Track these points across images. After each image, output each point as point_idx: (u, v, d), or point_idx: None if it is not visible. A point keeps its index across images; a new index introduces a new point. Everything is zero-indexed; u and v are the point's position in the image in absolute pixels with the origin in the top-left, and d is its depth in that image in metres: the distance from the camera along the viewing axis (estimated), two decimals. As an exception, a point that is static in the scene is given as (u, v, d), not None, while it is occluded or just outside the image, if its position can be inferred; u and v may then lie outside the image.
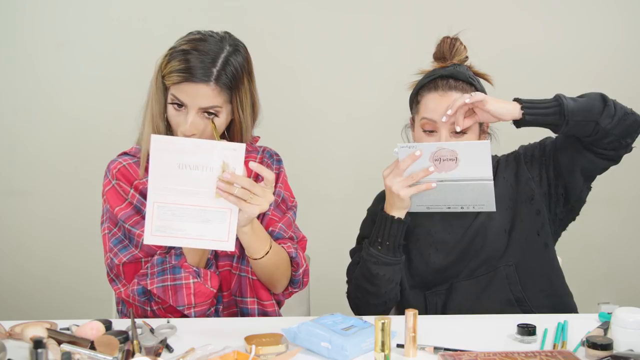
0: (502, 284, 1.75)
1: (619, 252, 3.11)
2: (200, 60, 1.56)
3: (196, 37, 1.61)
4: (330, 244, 2.71)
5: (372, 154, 3.01)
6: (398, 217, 1.69)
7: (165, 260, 1.62)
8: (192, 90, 1.56)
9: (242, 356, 1.31)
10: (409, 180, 1.64)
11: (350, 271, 1.84)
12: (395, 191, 1.64)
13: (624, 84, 3.02)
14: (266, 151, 1.82)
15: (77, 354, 1.26)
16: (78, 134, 3.04)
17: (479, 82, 1.77)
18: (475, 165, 1.60)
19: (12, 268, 3.07)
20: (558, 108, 1.63)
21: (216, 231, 1.47)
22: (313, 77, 3.04)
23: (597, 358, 1.32)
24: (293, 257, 1.69)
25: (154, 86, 1.64)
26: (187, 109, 1.58)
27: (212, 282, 1.62)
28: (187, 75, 1.55)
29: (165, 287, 1.60)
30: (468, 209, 1.67)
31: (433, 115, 1.71)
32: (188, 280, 1.59)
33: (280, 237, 1.72)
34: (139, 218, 1.66)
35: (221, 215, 1.47)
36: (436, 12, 2.96)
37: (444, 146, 1.60)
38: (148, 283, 1.61)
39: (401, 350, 1.37)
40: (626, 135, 1.67)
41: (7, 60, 3.02)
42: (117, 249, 1.67)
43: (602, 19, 3.05)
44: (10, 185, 3.07)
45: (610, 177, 1.77)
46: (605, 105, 1.64)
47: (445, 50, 1.79)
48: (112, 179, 1.70)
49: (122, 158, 1.74)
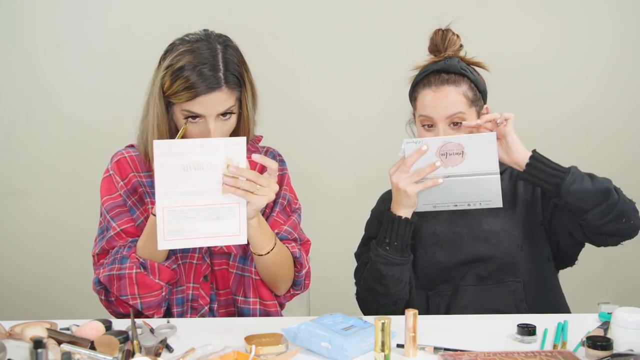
0: (508, 298, 1.74)
1: (618, 252, 3.09)
2: (202, 73, 1.56)
3: (185, 48, 1.60)
4: (330, 245, 2.71)
5: (373, 154, 3.02)
6: (405, 217, 1.69)
7: (119, 250, 1.64)
8: (207, 101, 1.57)
9: (242, 356, 1.31)
10: (415, 176, 1.64)
11: (358, 273, 1.84)
12: (402, 188, 1.64)
13: (625, 84, 3.03)
14: (269, 152, 1.82)
15: (77, 354, 1.26)
16: (78, 134, 3.04)
17: (472, 72, 1.78)
18: (481, 158, 1.62)
19: (12, 268, 3.07)
20: (559, 181, 1.62)
21: (228, 226, 1.49)
22: (314, 77, 3.04)
23: (597, 358, 1.32)
24: (297, 257, 1.69)
25: (157, 102, 1.62)
26: (206, 118, 1.59)
27: (161, 276, 1.63)
28: (197, 90, 1.56)
29: (111, 276, 1.61)
30: (475, 205, 1.67)
31: (429, 111, 1.73)
32: (132, 270, 1.60)
33: (285, 239, 1.73)
34: (123, 210, 1.69)
35: (230, 210, 1.49)
36: (435, 10, 2.95)
37: (450, 140, 1.61)
38: (100, 272, 1.64)
39: (401, 350, 1.37)
40: (614, 234, 1.67)
41: (7, 60, 3.02)
42: (98, 238, 1.71)
43: (603, 20, 3.04)
44: (10, 185, 3.07)
45: (610, 177, 1.77)
46: (604, 202, 1.62)
47: (438, 43, 1.80)
48: (110, 170, 1.73)
49: (126, 150, 1.76)
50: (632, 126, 3.05)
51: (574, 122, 3.02)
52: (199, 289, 1.70)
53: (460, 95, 1.73)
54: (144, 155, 1.69)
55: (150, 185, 1.69)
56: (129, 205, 1.70)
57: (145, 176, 1.72)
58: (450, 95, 1.72)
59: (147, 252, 1.61)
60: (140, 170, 1.72)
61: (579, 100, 3.04)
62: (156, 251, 1.59)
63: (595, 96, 3.04)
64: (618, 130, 3.05)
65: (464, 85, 1.74)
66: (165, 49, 1.65)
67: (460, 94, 1.73)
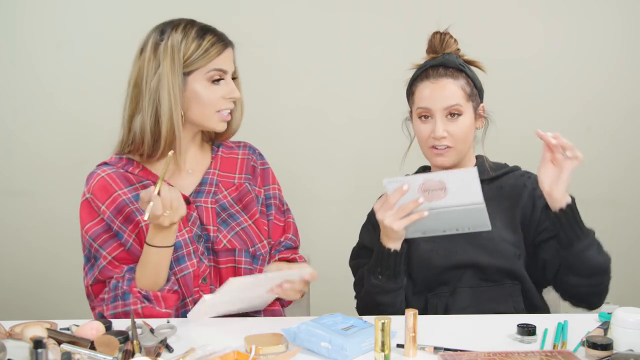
0: (506, 299, 1.74)
1: (618, 252, 3.10)
2: (216, 31, 1.70)
3: (185, 21, 1.73)
4: (330, 245, 2.70)
5: (372, 155, 3.02)
6: (394, 249, 1.68)
7: (118, 285, 1.61)
8: (228, 56, 1.69)
9: (242, 356, 1.31)
10: (400, 212, 1.60)
11: (356, 286, 1.84)
12: (388, 225, 1.62)
13: (625, 84, 3.03)
14: (247, 147, 1.84)
15: (77, 354, 1.27)
16: (78, 134, 3.03)
17: (470, 69, 1.80)
18: (464, 192, 1.57)
19: (12, 268, 3.07)
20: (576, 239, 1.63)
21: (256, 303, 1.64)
22: (314, 77, 3.03)
23: (597, 358, 1.32)
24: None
25: (178, 80, 1.63)
26: (226, 77, 1.67)
27: (167, 304, 1.60)
28: (225, 42, 1.69)
29: (117, 314, 1.59)
30: (464, 230, 1.65)
31: (426, 103, 1.74)
32: (136, 305, 1.58)
33: (289, 247, 1.74)
34: (109, 236, 1.65)
35: None
36: (434, 10, 2.95)
37: (430, 177, 1.56)
38: (104, 309, 1.61)
39: (401, 350, 1.37)
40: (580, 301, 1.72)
41: (7, 60, 3.02)
42: (87, 268, 1.68)
43: (603, 20, 3.04)
44: (10, 185, 3.07)
45: (610, 177, 1.77)
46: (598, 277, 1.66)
47: (436, 45, 1.82)
48: (88, 193, 1.69)
49: (101, 169, 1.72)
50: (632, 126, 3.05)
51: (574, 122, 3.02)
52: (199, 292, 1.69)
53: (458, 88, 1.74)
54: (152, 144, 1.65)
55: (137, 199, 1.66)
56: (115, 229, 1.66)
57: (130, 191, 1.68)
58: (448, 87, 1.74)
59: (148, 282, 1.59)
60: (122, 186, 1.68)
61: (579, 100, 3.03)
62: (156, 278, 1.60)
63: (595, 96, 3.04)
64: (618, 130, 3.05)
65: (462, 80, 1.76)
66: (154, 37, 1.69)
67: (458, 87, 1.74)
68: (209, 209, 1.72)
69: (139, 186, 1.69)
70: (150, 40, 1.68)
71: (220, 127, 1.71)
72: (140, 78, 1.66)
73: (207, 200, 1.72)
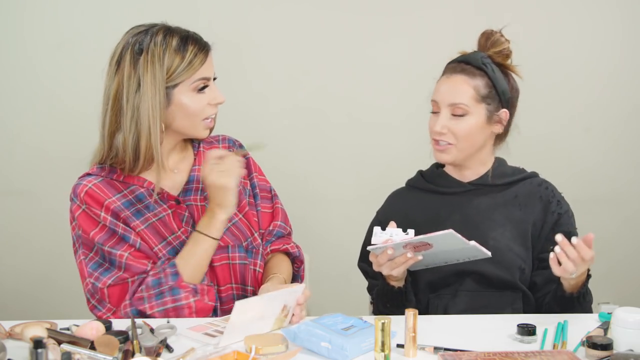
0: (506, 306, 1.74)
1: (619, 252, 3.10)
2: (195, 37, 1.67)
3: (162, 30, 1.69)
4: (331, 245, 2.71)
5: (372, 155, 3.02)
6: (398, 287, 1.69)
7: (161, 281, 1.61)
8: (210, 61, 1.67)
9: (242, 356, 1.31)
10: (393, 265, 1.59)
11: (371, 292, 1.85)
12: (386, 274, 1.63)
13: (625, 84, 3.03)
14: (227, 139, 1.84)
15: (77, 354, 1.27)
16: (78, 134, 3.02)
17: (495, 71, 1.75)
18: (449, 246, 1.56)
19: (12, 268, 3.07)
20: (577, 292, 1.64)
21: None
22: (314, 77, 3.03)
23: (597, 358, 1.32)
24: (296, 256, 1.70)
25: (154, 95, 1.60)
26: (210, 83, 1.66)
27: (209, 296, 1.64)
28: (206, 49, 1.66)
29: (167, 309, 1.59)
30: (464, 260, 1.64)
31: (436, 96, 1.76)
32: (188, 300, 1.60)
33: (280, 235, 1.73)
34: (117, 239, 1.65)
35: None
36: (434, 11, 2.96)
37: (412, 241, 1.53)
38: (147, 307, 1.59)
39: (401, 350, 1.37)
40: None
41: (7, 60, 3.02)
42: (97, 273, 1.65)
43: (603, 20, 3.04)
44: (10, 185, 3.06)
45: (610, 177, 1.77)
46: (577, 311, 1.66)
47: (482, 43, 1.80)
48: (82, 204, 1.66)
49: (86, 180, 1.70)
50: (632, 126, 3.05)
51: (574, 122, 3.02)
52: None
53: (469, 87, 1.72)
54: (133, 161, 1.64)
55: (127, 205, 1.66)
56: (121, 233, 1.65)
57: (118, 199, 1.67)
58: (458, 84, 1.73)
59: (193, 274, 1.62)
60: (110, 195, 1.67)
61: (579, 100, 3.03)
62: (202, 269, 1.63)
63: (595, 96, 3.03)
64: (618, 130, 3.05)
65: (478, 80, 1.73)
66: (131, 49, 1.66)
67: (471, 86, 1.72)
68: (199, 207, 1.72)
69: (127, 192, 1.69)
70: (128, 53, 1.65)
71: (205, 134, 1.71)
72: (120, 94, 1.63)
73: (196, 197, 1.73)
